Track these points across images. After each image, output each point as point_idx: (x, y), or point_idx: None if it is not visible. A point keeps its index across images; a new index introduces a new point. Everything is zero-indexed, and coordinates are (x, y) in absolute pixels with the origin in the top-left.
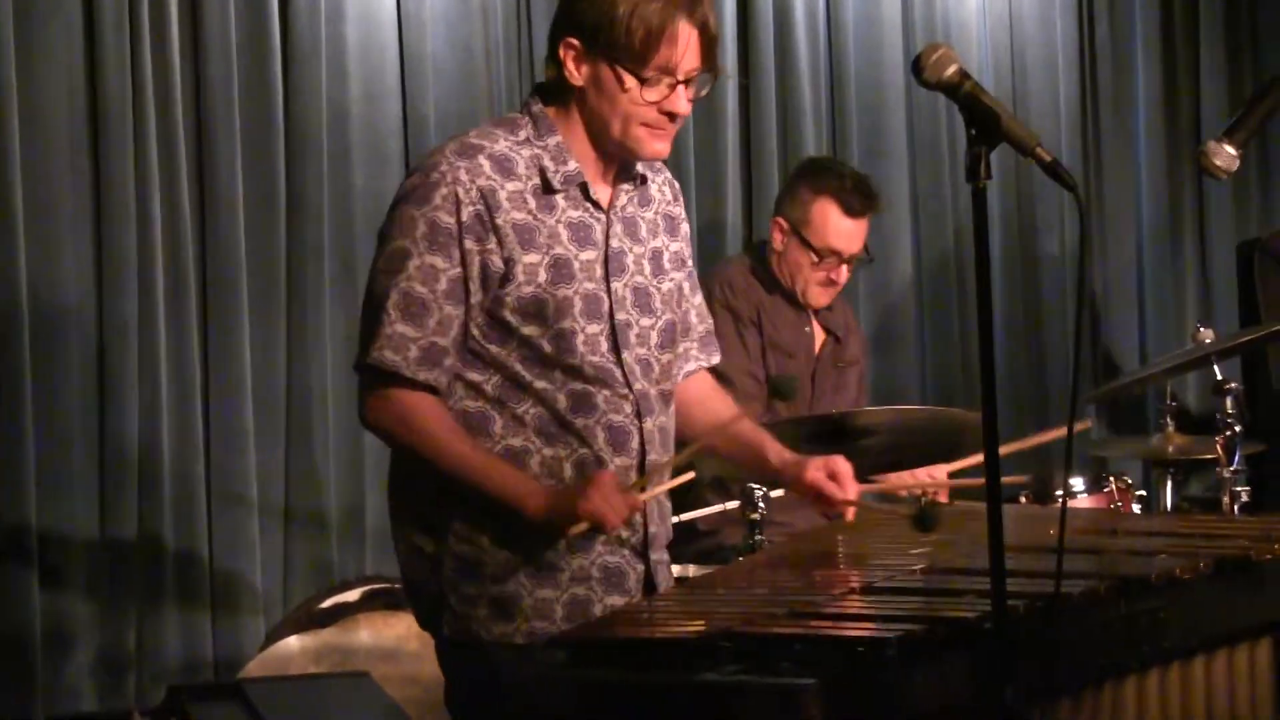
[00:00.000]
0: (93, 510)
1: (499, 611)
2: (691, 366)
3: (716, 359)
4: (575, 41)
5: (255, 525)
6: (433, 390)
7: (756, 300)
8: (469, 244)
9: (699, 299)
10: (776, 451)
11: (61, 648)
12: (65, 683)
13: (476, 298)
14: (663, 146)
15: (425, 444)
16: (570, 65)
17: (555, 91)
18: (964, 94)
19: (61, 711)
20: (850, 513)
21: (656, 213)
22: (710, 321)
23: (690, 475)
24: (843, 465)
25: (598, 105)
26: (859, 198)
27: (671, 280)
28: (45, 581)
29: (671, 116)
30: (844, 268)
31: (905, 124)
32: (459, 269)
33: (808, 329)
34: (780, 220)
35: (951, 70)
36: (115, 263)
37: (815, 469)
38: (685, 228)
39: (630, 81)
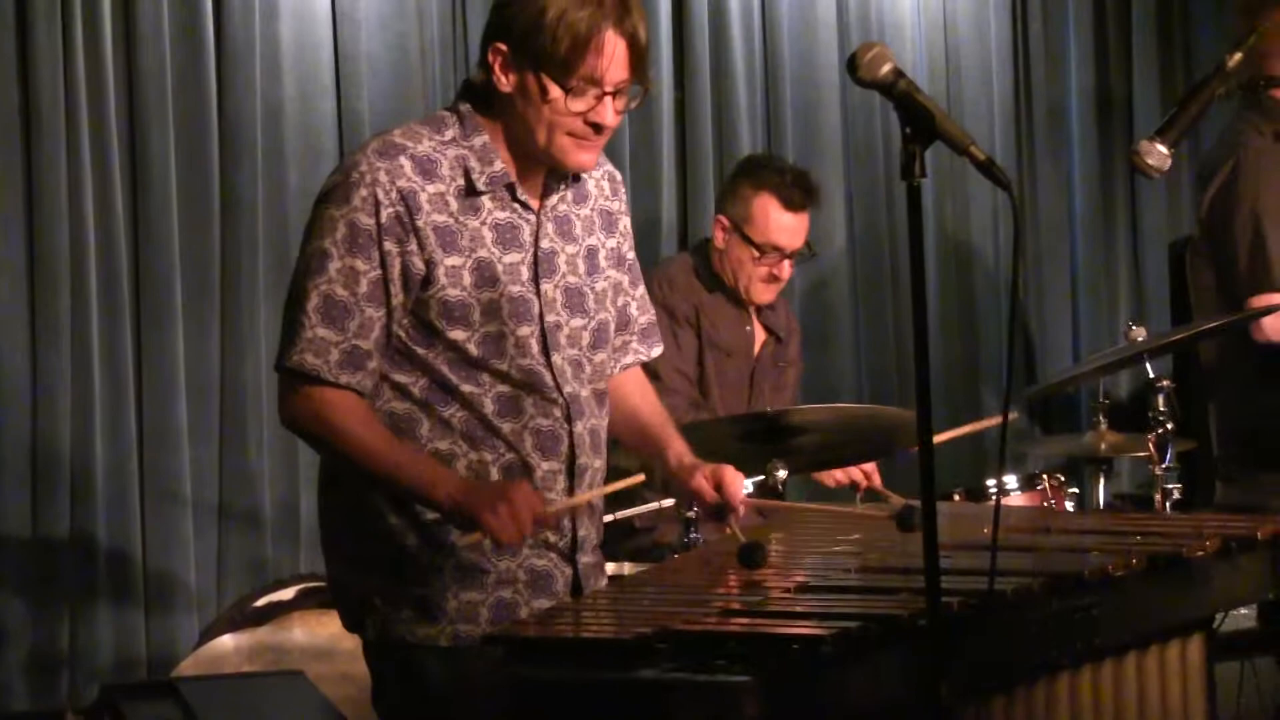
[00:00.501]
0: (25, 508)
1: (423, 614)
2: (630, 359)
3: (658, 351)
4: (503, 47)
5: (189, 523)
6: (356, 393)
7: (696, 300)
8: (389, 245)
9: (641, 291)
10: (677, 454)
11: None
12: None
13: (398, 299)
14: (588, 158)
15: (342, 440)
16: (498, 71)
17: (484, 94)
18: (899, 93)
19: None
20: (733, 522)
21: (593, 209)
22: (652, 313)
23: (602, 491)
24: (730, 475)
25: (524, 112)
26: (799, 192)
27: (606, 278)
28: None
29: (598, 128)
30: (786, 263)
31: (840, 123)
32: (379, 271)
33: (748, 328)
34: (722, 218)
35: (886, 69)
36: (47, 259)
37: (701, 477)
38: (625, 222)
39: (555, 91)
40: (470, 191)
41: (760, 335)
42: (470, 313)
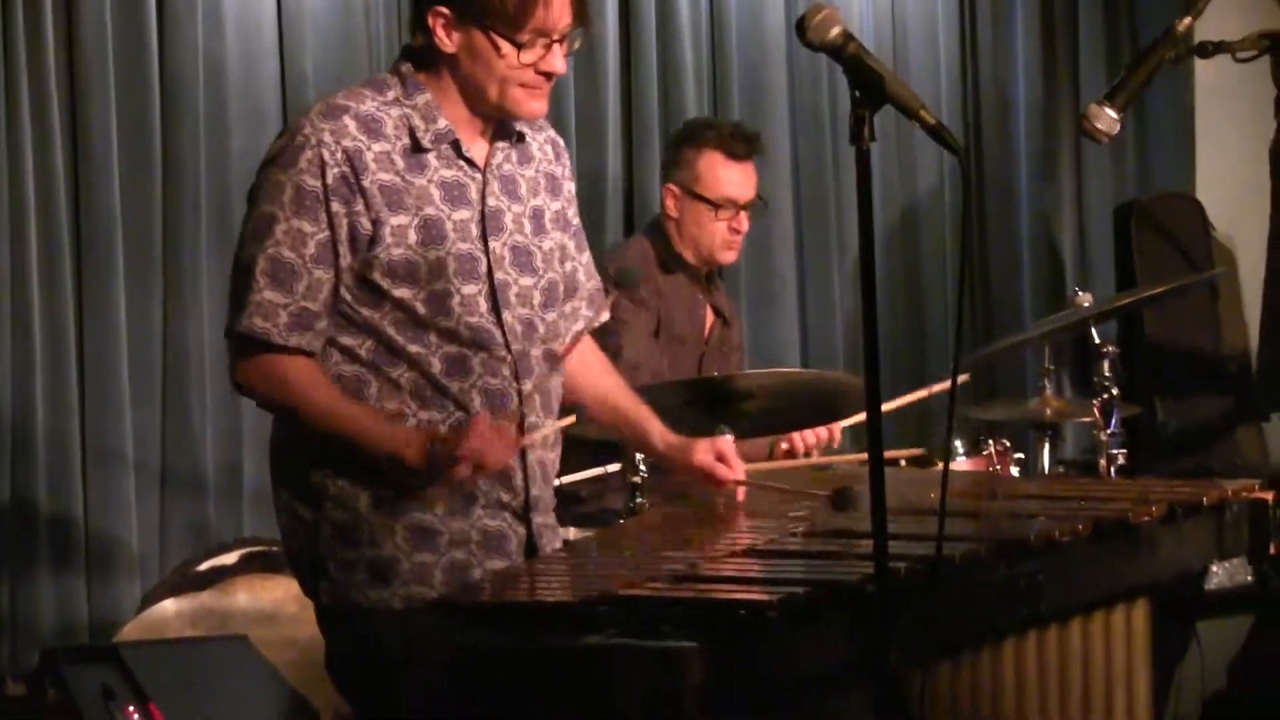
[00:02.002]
0: None
1: (376, 576)
2: (580, 325)
3: (605, 316)
4: (445, 10)
5: (131, 487)
6: (305, 354)
7: (654, 284)
8: (335, 206)
9: (587, 256)
10: (660, 434)
11: None
12: None
13: (346, 260)
14: (540, 105)
15: (299, 404)
16: (440, 33)
17: (424, 56)
18: (848, 56)
19: None
20: (741, 492)
21: (537, 171)
22: (599, 280)
23: (571, 419)
24: (728, 445)
25: (472, 71)
26: (740, 142)
27: (553, 239)
28: None
29: (549, 76)
30: (743, 215)
31: (786, 85)
32: (327, 232)
33: (701, 312)
34: (671, 186)
35: (835, 32)
36: None
37: (703, 452)
38: (569, 187)
39: (506, 47)
40: (416, 148)
41: (710, 318)
42: (416, 270)
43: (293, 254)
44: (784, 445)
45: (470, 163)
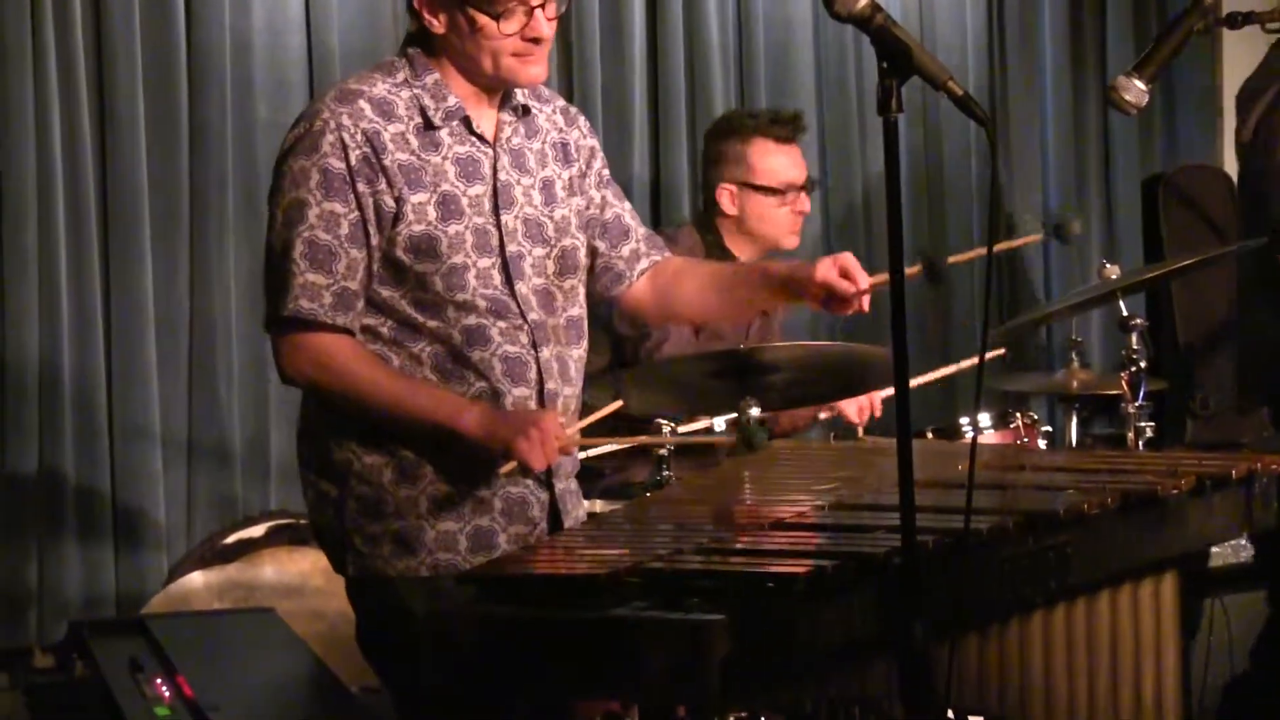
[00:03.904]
0: None
1: (403, 547)
2: (645, 265)
3: (667, 254)
4: None
5: (158, 459)
6: (348, 334)
7: None
8: (361, 187)
9: (628, 205)
10: (779, 265)
11: None
12: None
13: (375, 239)
14: (538, 70)
15: (350, 383)
16: (427, 16)
17: (423, 40)
18: (876, 27)
19: None
20: (864, 303)
21: (545, 142)
22: (646, 228)
23: (618, 404)
24: (850, 260)
25: (463, 47)
26: (784, 125)
27: (566, 207)
28: None
29: (537, 40)
30: (804, 196)
31: (813, 61)
32: (357, 213)
33: None
34: (726, 186)
35: (863, 3)
36: (15, 193)
37: (825, 268)
38: (589, 145)
39: (483, 20)
40: (428, 126)
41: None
42: (437, 245)
43: (328, 235)
44: (823, 415)
45: (481, 138)
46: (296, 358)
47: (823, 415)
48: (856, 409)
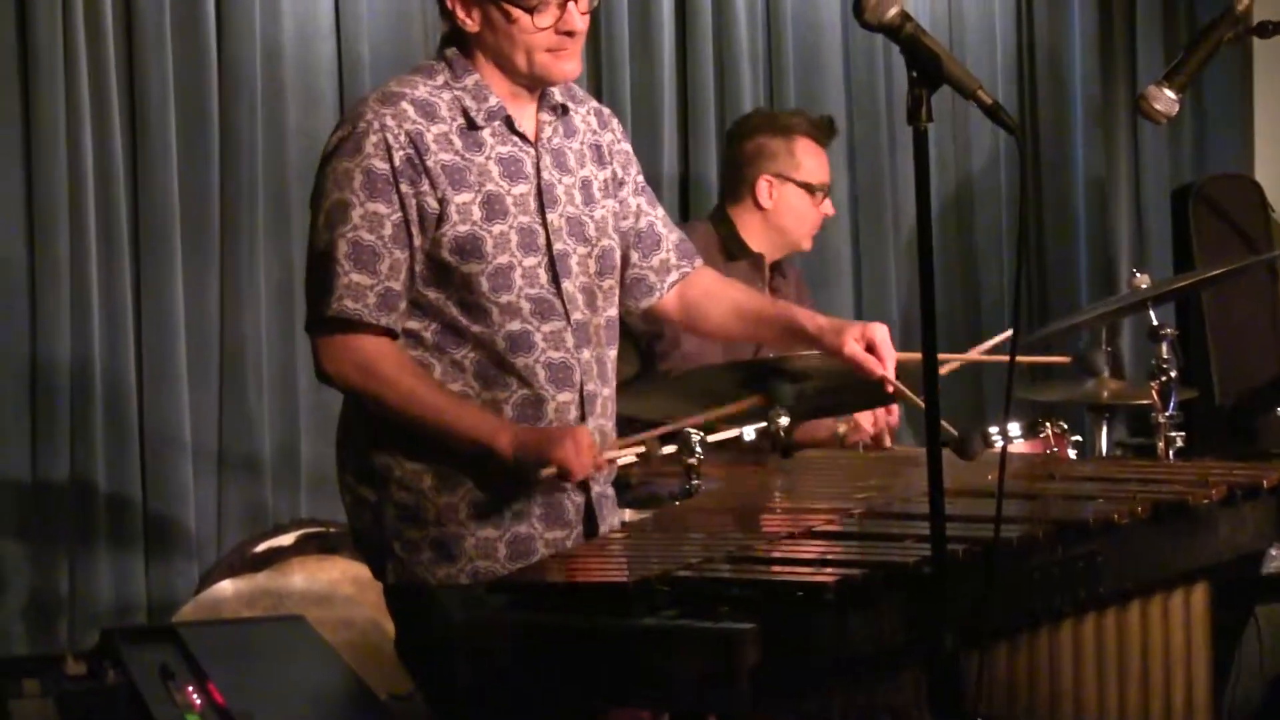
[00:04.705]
0: (25, 452)
1: (442, 554)
2: (675, 276)
3: (699, 263)
4: None
5: (189, 468)
6: (391, 336)
7: (717, 268)
8: (404, 188)
9: (661, 211)
10: (809, 318)
11: None
12: None
13: (418, 241)
14: (572, 66)
15: (389, 391)
16: (460, 14)
17: (458, 40)
18: (905, 36)
19: None
20: (889, 387)
21: (582, 143)
22: (680, 232)
23: (659, 430)
24: (880, 333)
25: (497, 44)
26: (822, 130)
27: (603, 208)
28: None
29: (570, 34)
30: (829, 200)
31: (842, 67)
32: (400, 213)
33: None
34: (768, 179)
35: (893, 12)
36: (46, 202)
37: (853, 340)
38: (623, 149)
39: (517, 13)
40: (471, 126)
41: None
42: (482, 245)
43: (372, 236)
44: (841, 428)
45: (523, 137)
46: (338, 358)
47: (841, 429)
48: (871, 419)
